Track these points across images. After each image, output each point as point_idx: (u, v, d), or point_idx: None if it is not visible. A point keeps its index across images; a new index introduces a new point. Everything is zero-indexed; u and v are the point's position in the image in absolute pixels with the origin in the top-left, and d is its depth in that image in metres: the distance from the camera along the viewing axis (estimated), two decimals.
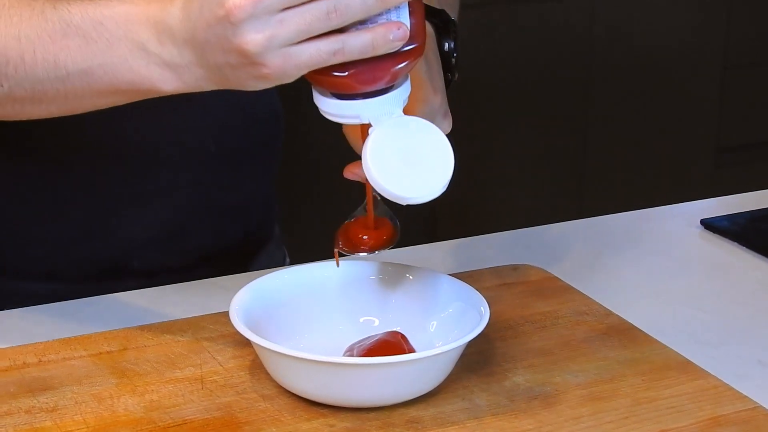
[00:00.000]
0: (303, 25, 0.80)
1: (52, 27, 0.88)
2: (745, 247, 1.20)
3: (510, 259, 1.13)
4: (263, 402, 0.88)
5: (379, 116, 0.86)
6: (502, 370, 0.93)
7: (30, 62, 0.89)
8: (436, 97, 0.95)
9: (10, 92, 0.91)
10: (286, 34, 0.80)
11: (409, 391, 0.88)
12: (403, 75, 0.86)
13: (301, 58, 0.81)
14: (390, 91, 0.86)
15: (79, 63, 0.87)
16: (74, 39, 0.87)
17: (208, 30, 0.82)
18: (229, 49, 0.81)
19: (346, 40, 0.81)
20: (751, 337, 1.02)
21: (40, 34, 0.88)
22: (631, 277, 1.13)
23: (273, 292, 0.96)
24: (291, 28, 0.80)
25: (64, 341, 0.97)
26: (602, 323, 1.01)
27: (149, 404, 0.88)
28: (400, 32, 0.82)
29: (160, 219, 1.13)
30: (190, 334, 0.98)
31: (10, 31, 0.89)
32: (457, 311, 0.94)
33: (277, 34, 0.80)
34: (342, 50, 0.81)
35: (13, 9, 0.89)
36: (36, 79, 0.89)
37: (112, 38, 0.86)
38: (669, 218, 1.29)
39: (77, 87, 0.89)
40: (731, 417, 0.87)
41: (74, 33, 0.87)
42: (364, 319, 0.97)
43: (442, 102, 0.96)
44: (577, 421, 0.87)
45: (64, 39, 0.87)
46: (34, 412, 0.87)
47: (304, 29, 0.80)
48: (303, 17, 0.80)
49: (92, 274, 1.13)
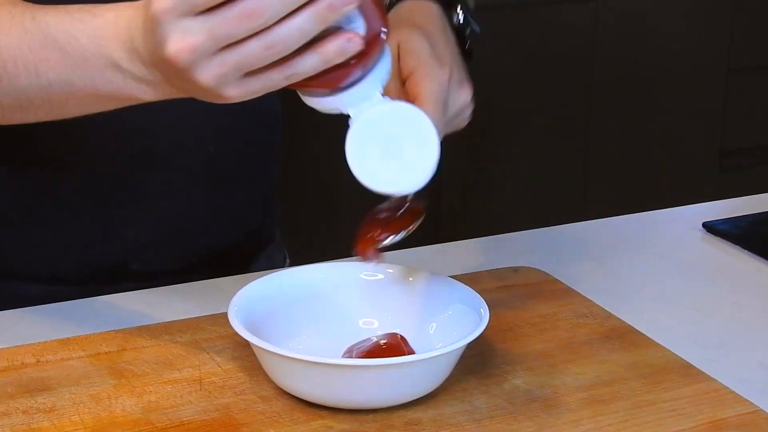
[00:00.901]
0: (245, 63, 0.80)
1: (31, 38, 0.88)
2: (747, 250, 1.19)
3: (510, 262, 1.13)
4: (262, 403, 0.88)
5: (357, 105, 0.84)
6: (501, 373, 0.93)
7: (12, 72, 0.89)
8: (443, 71, 0.92)
9: None
10: (232, 72, 0.80)
11: (407, 392, 0.87)
12: (371, 61, 0.84)
13: (255, 86, 0.81)
14: (363, 79, 0.84)
15: (59, 74, 0.87)
16: (52, 51, 0.87)
17: (162, 64, 0.82)
18: (187, 81, 0.81)
19: (296, 65, 0.80)
20: (753, 340, 1.02)
21: (20, 45, 0.88)
22: (633, 279, 1.13)
23: (272, 293, 0.95)
24: (233, 67, 0.80)
25: (62, 342, 0.96)
26: (603, 326, 1.01)
27: (147, 405, 0.88)
28: (351, 44, 0.80)
29: (161, 221, 1.13)
30: (188, 335, 0.98)
31: None
32: (456, 313, 0.94)
33: (223, 73, 0.80)
34: (295, 74, 0.81)
35: None
36: (20, 88, 0.89)
37: (87, 53, 0.86)
38: (671, 221, 1.29)
39: (61, 95, 0.89)
40: (731, 420, 0.87)
41: (52, 45, 0.87)
42: (364, 320, 0.97)
43: (454, 73, 0.94)
44: (577, 424, 0.86)
45: (43, 50, 0.87)
46: (31, 412, 0.87)
47: (247, 65, 0.80)
48: (241, 57, 0.79)
49: (93, 277, 1.13)
